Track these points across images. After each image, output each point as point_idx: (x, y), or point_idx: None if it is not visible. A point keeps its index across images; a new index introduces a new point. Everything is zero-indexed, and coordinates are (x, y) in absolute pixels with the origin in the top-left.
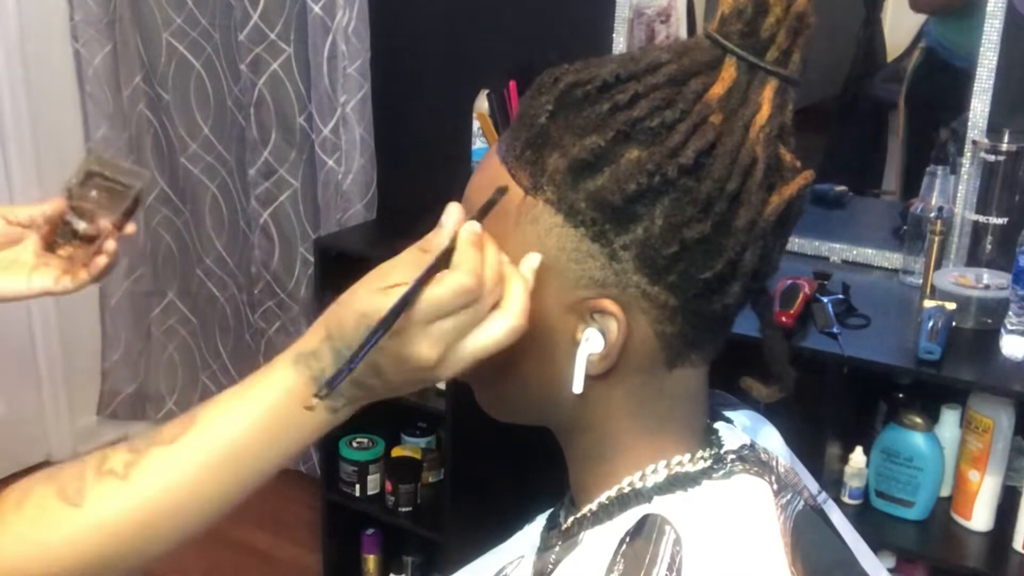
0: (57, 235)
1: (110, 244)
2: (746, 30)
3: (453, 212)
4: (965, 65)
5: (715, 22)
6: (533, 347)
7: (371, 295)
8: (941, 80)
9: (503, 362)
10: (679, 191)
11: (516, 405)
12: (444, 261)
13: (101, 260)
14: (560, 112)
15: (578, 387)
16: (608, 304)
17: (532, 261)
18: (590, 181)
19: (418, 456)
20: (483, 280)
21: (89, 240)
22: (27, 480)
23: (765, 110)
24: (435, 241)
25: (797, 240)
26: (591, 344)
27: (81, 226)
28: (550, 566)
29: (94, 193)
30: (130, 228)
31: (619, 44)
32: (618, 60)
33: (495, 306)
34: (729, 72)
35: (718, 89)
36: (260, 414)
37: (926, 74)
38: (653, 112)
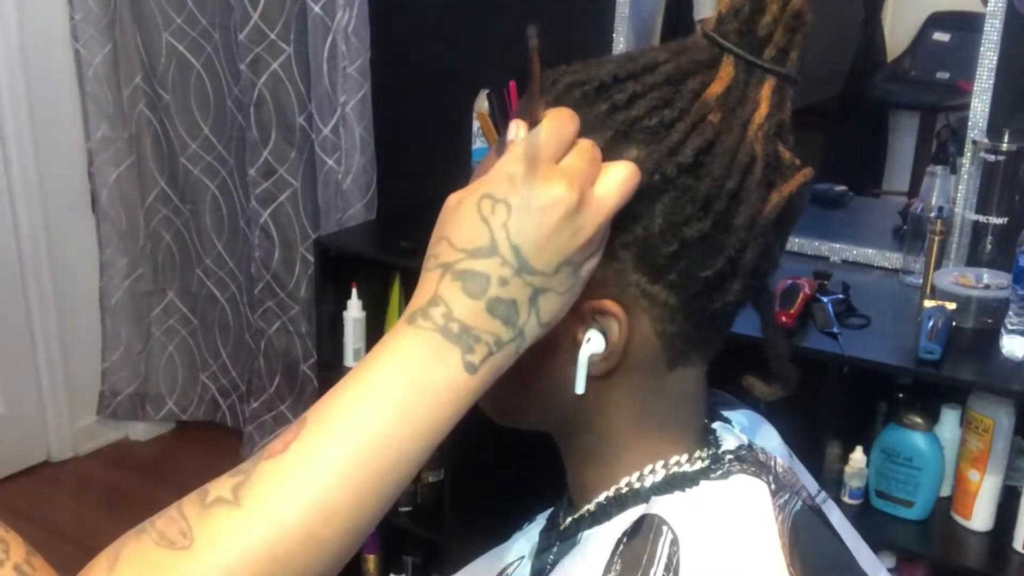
0: None
1: None
2: (743, 28)
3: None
4: None
5: (712, 21)
6: (535, 349)
7: (471, 194)
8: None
9: None
10: (678, 190)
11: (518, 407)
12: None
13: None
14: None
15: (580, 388)
16: (609, 304)
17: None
18: None
19: None
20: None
21: None
22: (112, 545)
23: (763, 108)
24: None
25: (797, 240)
26: (592, 345)
27: None
28: (548, 566)
29: None
30: None
31: (619, 44)
32: (616, 60)
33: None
34: (727, 71)
35: (716, 88)
36: (380, 391)
37: None
38: (651, 111)
